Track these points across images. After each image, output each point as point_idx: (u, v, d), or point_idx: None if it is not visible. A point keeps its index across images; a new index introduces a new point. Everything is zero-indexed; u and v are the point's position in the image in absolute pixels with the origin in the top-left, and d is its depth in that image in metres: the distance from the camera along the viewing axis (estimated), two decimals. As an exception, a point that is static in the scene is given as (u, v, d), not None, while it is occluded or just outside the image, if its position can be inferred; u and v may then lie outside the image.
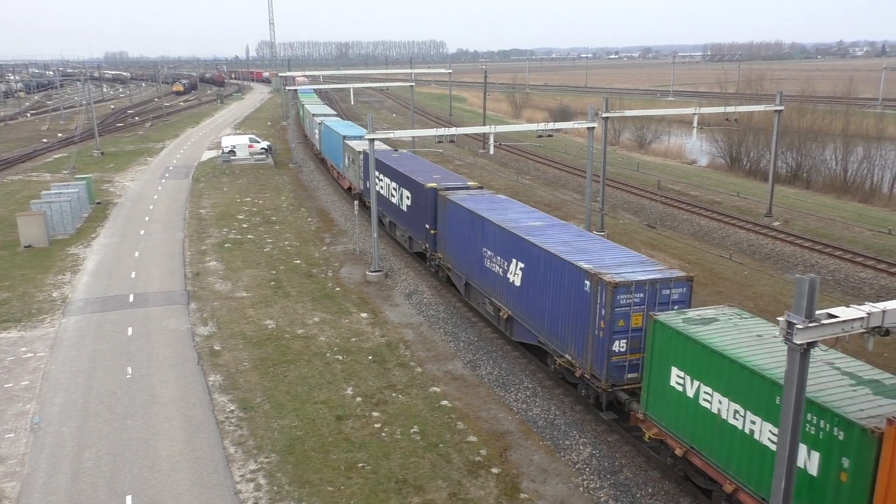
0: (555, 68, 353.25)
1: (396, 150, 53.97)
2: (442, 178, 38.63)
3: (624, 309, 21.10)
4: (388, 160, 44.25)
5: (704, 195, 58.18)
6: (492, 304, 29.34)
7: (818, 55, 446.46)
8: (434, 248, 35.83)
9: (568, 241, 25.77)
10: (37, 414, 24.31)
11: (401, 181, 40.22)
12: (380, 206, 42.53)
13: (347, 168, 54.42)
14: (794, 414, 11.96)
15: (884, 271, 37.52)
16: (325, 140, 67.07)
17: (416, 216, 37.92)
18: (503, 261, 27.88)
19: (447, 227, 33.63)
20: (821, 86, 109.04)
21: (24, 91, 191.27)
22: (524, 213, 30.98)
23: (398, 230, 42.67)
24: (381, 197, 43.85)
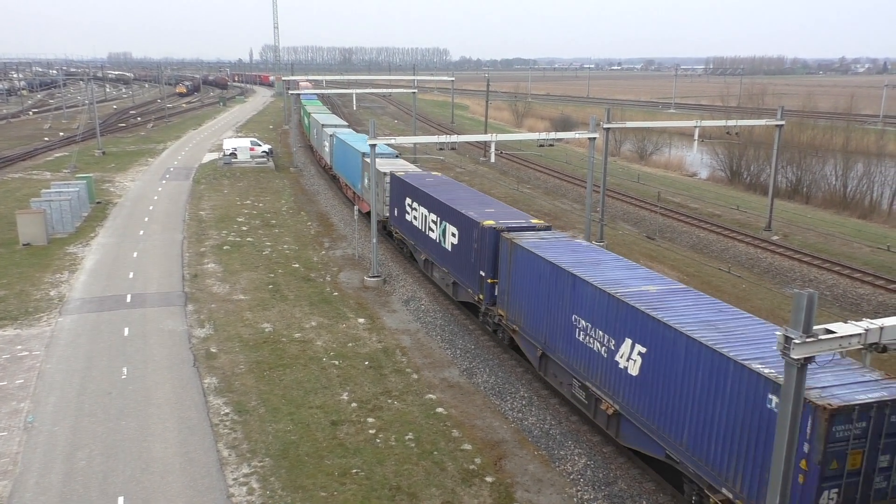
0: (557, 78, 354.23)
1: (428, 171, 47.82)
2: (496, 210, 32.14)
3: (840, 445, 14.50)
4: (423, 185, 37.71)
5: (704, 208, 58.24)
6: (584, 389, 22.71)
7: (820, 71, 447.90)
8: (491, 300, 29.01)
9: (711, 321, 18.80)
10: (30, 413, 24.22)
11: (442, 213, 33.61)
12: (411, 238, 38.70)
13: (368, 190, 46.34)
14: (790, 424, 11.97)
15: (882, 287, 37.53)
16: (338, 155, 60.10)
17: (464, 258, 31.17)
18: (608, 338, 21.07)
19: (514, 280, 26.68)
20: (822, 101, 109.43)
21: (27, 89, 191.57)
22: (625, 268, 23.99)
23: (436, 271, 35.55)
24: (412, 228, 38.42)
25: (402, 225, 40.56)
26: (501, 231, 28.15)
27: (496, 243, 28.21)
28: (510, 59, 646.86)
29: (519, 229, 28.65)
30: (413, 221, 38.27)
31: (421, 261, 38.05)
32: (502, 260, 27.65)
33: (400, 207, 40.48)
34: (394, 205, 41.91)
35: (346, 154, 56.10)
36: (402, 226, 40.40)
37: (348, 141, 56.63)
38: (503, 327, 28.63)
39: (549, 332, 24.56)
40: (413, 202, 38.08)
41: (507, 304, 27.51)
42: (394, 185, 41.46)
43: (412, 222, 38.33)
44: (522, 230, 28.61)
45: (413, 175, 41.63)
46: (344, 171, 57.93)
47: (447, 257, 33.37)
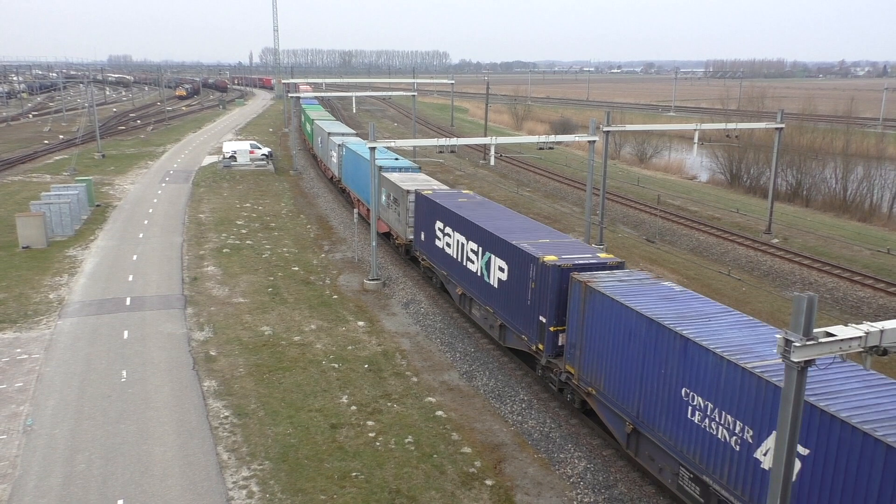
0: (557, 81, 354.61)
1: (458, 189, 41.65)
2: (550, 240, 27.53)
3: None
4: (458, 207, 33.22)
5: (704, 211, 58.25)
6: (698, 484, 17.97)
7: (820, 74, 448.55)
8: (554, 352, 24.45)
9: None
10: (30, 416, 24.19)
11: (484, 241, 29.23)
12: (443, 268, 34.30)
13: (387, 209, 43.36)
14: (790, 428, 11.96)
15: (882, 291, 37.52)
16: (350, 168, 54.79)
17: (517, 299, 26.55)
18: (743, 427, 16.15)
19: (590, 331, 21.86)
20: (822, 105, 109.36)
21: (26, 92, 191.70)
22: (744, 325, 18.84)
23: (477, 308, 31.02)
24: (444, 256, 34.03)
25: (431, 252, 35.84)
26: (567, 269, 23.59)
27: (562, 284, 23.56)
28: (510, 62, 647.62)
29: (589, 267, 23.91)
30: (445, 249, 33.57)
31: (456, 295, 33.16)
32: (573, 306, 22.73)
33: (428, 231, 35.87)
34: (420, 227, 37.21)
35: (358, 167, 50.43)
36: (432, 253, 35.65)
37: (363, 153, 49.65)
38: (573, 390, 23.66)
39: (645, 405, 19.62)
40: (445, 227, 33.39)
41: (580, 360, 22.52)
42: (420, 205, 37.01)
43: (444, 250, 33.73)
44: (593, 268, 23.90)
45: (443, 194, 36.95)
46: (356, 185, 52.45)
47: (492, 295, 28.58)
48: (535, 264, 24.82)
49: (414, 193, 38.12)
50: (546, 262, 24.21)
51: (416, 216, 38.08)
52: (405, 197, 38.92)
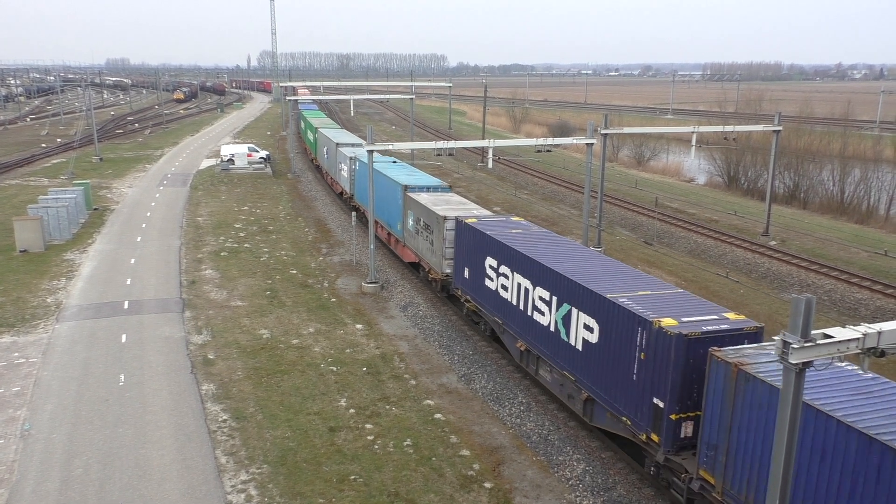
0: (555, 84, 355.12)
1: (507, 216, 34.41)
2: (653, 292, 21.78)
3: None
4: (516, 242, 27.52)
5: (702, 213, 58.31)
6: None
7: (817, 77, 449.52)
8: (674, 445, 18.80)
9: None
10: (27, 420, 24.14)
11: (560, 289, 23.60)
12: (496, 314, 28.62)
13: (415, 236, 37.85)
14: (789, 429, 11.97)
15: (879, 292, 37.57)
16: (364, 184, 47.20)
17: (613, 369, 20.86)
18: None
19: (749, 437, 16.26)
20: (819, 107, 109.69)
21: (24, 95, 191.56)
22: None
23: (547, 370, 25.04)
24: (497, 300, 28.46)
25: (478, 292, 30.28)
26: (695, 339, 17.96)
27: (689, 359, 18.01)
28: (508, 65, 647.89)
29: (722, 336, 18.28)
30: (500, 292, 28.00)
31: (515, 350, 27.33)
32: (713, 394, 17.13)
33: (475, 268, 30.32)
34: (463, 262, 31.76)
35: (381, 187, 43.15)
36: (480, 294, 30.10)
37: (383, 169, 44.67)
38: (709, 501, 17.72)
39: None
40: (500, 265, 27.89)
41: (726, 468, 16.89)
42: (463, 236, 31.43)
43: (498, 293, 28.18)
44: (727, 337, 18.32)
45: (490, 223, 31.34)
46: (378, 206, 43.37)
47: (574, 359, 22.93)
48: (647, 329, 19.08)
49: (454, 221, 32.54)
50: (665, 328, 18.40)
51: (457, 248, 32.31)
52: (441, 224, 33.40)
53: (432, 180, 42.17)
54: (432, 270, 35.64)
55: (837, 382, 15.43)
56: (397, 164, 48.75)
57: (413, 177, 43.32)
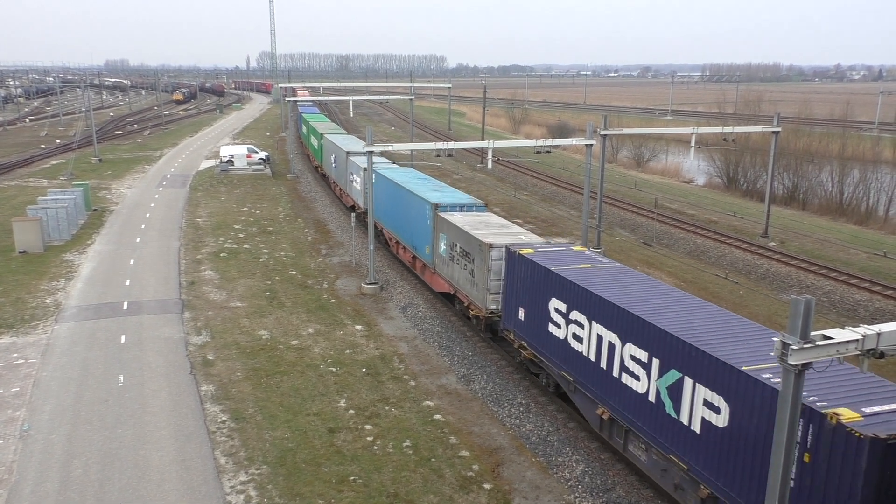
0: (554, 85, 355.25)
1: (567, 244, 29.91)
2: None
3: None
4: (589, 282, 22.52)
5: (701, 214, 58.34)
6: None
7: (816, 78, 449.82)
8: None
9: None
10: (26, 421, 24.12)
11: (664, 349, 18.56)
12: (565, 368, 23.52)
13: (448, 262, 32.85)
14: (788, 430, 11.99)
15: (879, 294, 37.59)
16: (387, 202, 42.71)
17: (752, 466, 15.71)
18: None
19: None
20: (818, 108, 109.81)
21: (23, 97, 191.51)
22: None
23: (641, 447, 20.08)
24: (567, 352, 23.37)
25: (538, 339, 25.29)
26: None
27: (890, 473, 12.96)
28: (507, 66, 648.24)
29: None
30: (571, 343, 22.98)
31: (595, 418, 22.30)
32: None
33: (533, 309, 25.30)
34: (515, 300, 26.73)
35: (398, 201, 40.45)
36: (541, 341, 25.05)
37: (404, 183, 40.16)
38: None
39: None
40: (570, 309, 22.86)
41: None
42: (516, 268, 26.44)
43: (569, 343, 23.16)
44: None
45: (551, 254, 25.97)
46: (395, 223, 41.43)
47: (687, 442, 17.78)
48: (815, 424, 13.80)
49: (502, 250, 27.84)
50: (846, 424, 13.15)
51: (508, 283, 27.28)
52: (484, 253, 28.61)
53: (465, 197, 37.41)
54: (473, 305, 30.35)
55: None
56: (421, 178, 43.80)
57: (441, 193, 38.31)
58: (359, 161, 49.84)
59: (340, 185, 58.28)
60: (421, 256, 37.05)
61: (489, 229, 31.14)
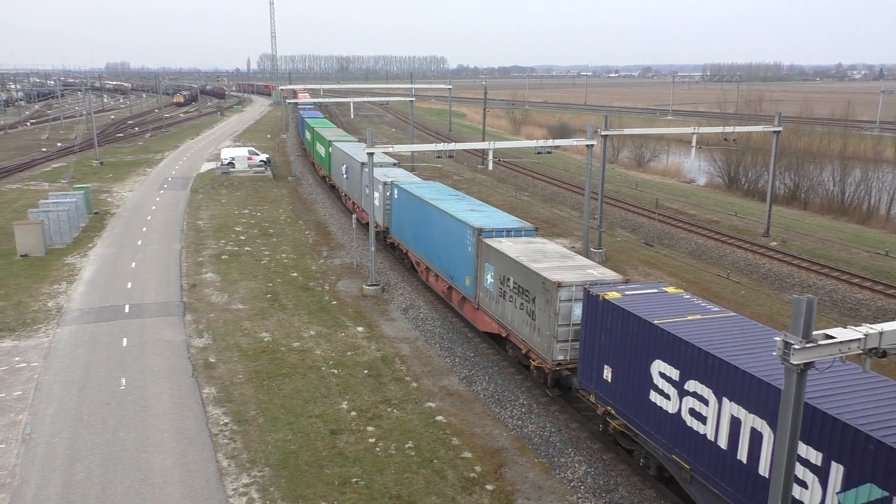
0: (555, 86, 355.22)
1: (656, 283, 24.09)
2: None
3: None
4: (708, 343, 17.83)
5: (702, 214, 58.29)
6: None
7: (816, 77, 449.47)
8: None
9: None
10: (28, 424, 24.13)
11: (847, 453, 13.67)
12: (674, 448, 18.76)
13: (498, 298, 28.19)
14: (790, 431, 11.97)
15: (881, 293, 37.54)
16: (413, 220, 38.33)
17: None
18: None
19: None
20: (819, 108, 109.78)
21: (24, 100, 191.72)
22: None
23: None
24: (680, 429, 18.49)
25: (634, 409, 20.29)
26: None
27: None
28: (508, 67, 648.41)
29: None
30: (687, 420, 18.13)
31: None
32: None
33: (626, 370, 20.48)
34: (597, 354, 21.95)
35: (428, 221, 35.83)
36: (638, 412, 20.16)
37: (435, 201, 35.48)
38: None
39: None
40: (685, 378, 18.01)
41: None
42: (598, 316, 21.62)
43: (683, 420, 18.28)
44: None
45: (646, 301, 21.05)
46: (424, 246, 36.65)
47: None
48: None
49: (573, 290, 23.50)
50: None
51: (587, 332, 22.39)
52: (551, 293, 23.80)
53: (510, 219, 32.58)
54: (534, 354, 25.46)
55: None
56: (452, 193, 39.24)
57: (482, 214, 33.51)
58: (377, 174, 43.80)
59: (353, 199, 52.80)
60: (459, 288, 31.99)
61: (550, 261, 26.27)
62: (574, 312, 23.60)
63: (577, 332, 23.55)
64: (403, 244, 40.25)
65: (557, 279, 23.77)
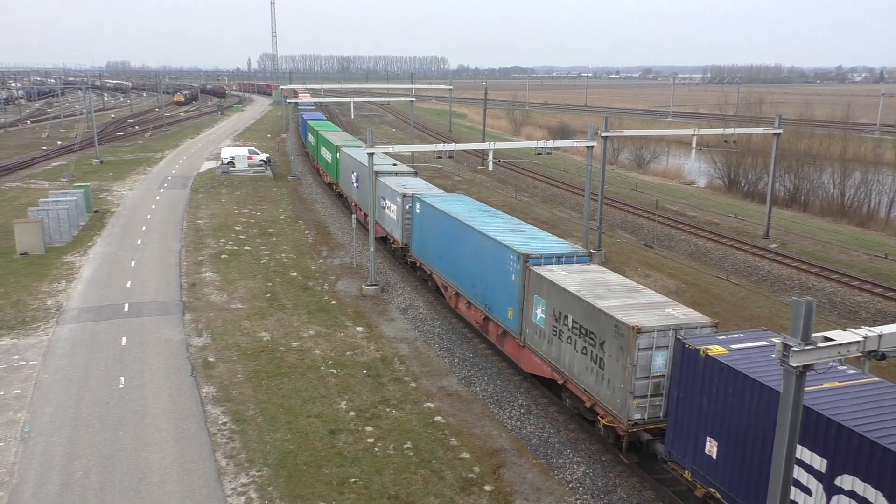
0: (555, 87, 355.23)
1: None
2: None
3: None
4: None
5: (702, 216, 58.30)
6: None
7: (817, 80, 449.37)
8: None
9: None
10: (27, 423, 24.12)
11: None
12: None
13: (554, 339, 24.12)
14: (789, 433, 11.98)
15: (880, 295, 37.55)
16: (449, 243, 33.11)
17: None
18: None
19: None
20: (819, 110, 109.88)
21: (24, 98, 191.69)
22: None
23: None
24: None
25: (757, 499, 16.22)
26: None
27: None
28: (508, 68, 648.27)
29: None
30: None
31: None
32: None
33: (742, 447, 16.62)
34: (695, 423, 18.16)
35: (457, 241, 31.90)
36: None
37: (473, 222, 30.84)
38: None
39: None
40: (836, 471, 14.14)
41: None
42: (697, 374, 17.92)
43: None
44: None
45: (758, 357, 17.27)
46: (453, 268, 32.91)
47: None
48: None
49: (660, 336, 19.92)
50: None
51: (681, 394, 18.67)
52: (627, 339, 20.00)
53: (558, 242, 28.60)
54: (601, 408, 21.71)
55: None
56: (483, 210, 35.23)
57: (525, 236, 28.99)
58: (392, 184, 41.07)
59: (365, 210, 47.90)
60: (500, 321, 28.11)
61: (617, 297, 22.22)
62: (655, 363, 19.91)
63: (656, 385, 20.06)
64: (427, 265, 36.21)
65: (636, 324, 19.72)
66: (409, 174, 45.40)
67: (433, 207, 34.77)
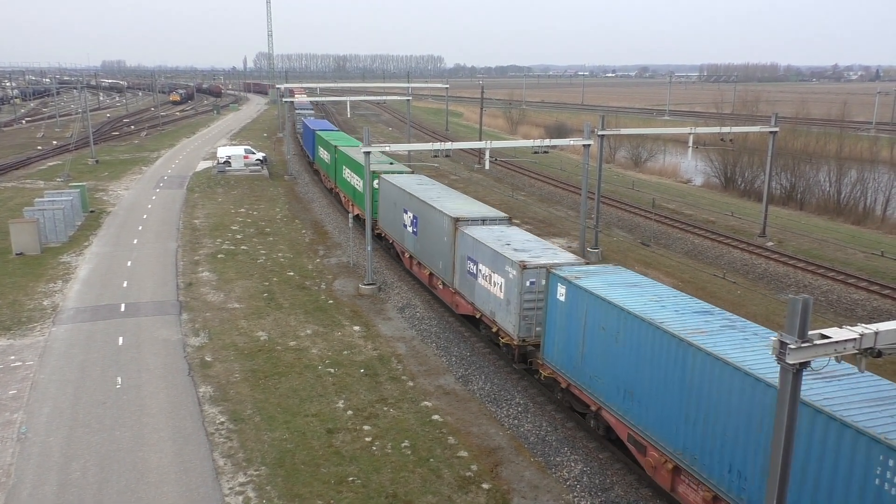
0: (552, 85, 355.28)
1: None
2: None
3: None
4: None
5: (699, 214, 58.38)
6: None
7: (813, 78, 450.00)
8: None
9: None
10: (24, 424, 24.07)
11: None
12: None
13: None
14: (786, 430, 12.00)
15: (876, 293, 37.64)
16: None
17: None
18: None
19: None
20: (815, 108, 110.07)
21: (20, 98, 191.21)
22: None
23: None
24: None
25: None
26: None
27: None
28: (505, 67, 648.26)
29: None
30: None
31: None
32: None
33: None
34: None
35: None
36: None
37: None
38: None
39: None
40: None
41: None
42: None
43: None
44: None
45: None
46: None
47: None
48: None
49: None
50: None
51: None
52: None
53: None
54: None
55: None
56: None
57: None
58: (481, 235, 29.43)
59: (433, 269, 34.79)
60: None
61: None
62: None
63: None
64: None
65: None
66: (503, 222, 32.33)
67: (598, 298, 21.32)
